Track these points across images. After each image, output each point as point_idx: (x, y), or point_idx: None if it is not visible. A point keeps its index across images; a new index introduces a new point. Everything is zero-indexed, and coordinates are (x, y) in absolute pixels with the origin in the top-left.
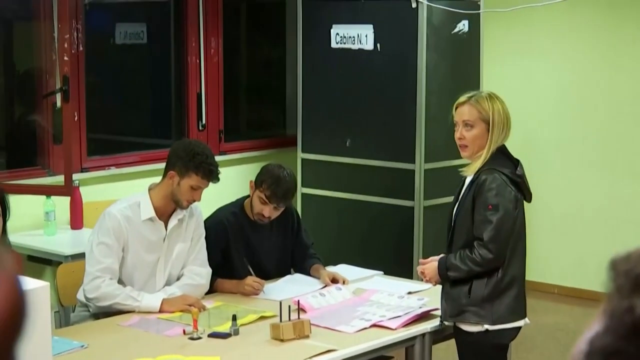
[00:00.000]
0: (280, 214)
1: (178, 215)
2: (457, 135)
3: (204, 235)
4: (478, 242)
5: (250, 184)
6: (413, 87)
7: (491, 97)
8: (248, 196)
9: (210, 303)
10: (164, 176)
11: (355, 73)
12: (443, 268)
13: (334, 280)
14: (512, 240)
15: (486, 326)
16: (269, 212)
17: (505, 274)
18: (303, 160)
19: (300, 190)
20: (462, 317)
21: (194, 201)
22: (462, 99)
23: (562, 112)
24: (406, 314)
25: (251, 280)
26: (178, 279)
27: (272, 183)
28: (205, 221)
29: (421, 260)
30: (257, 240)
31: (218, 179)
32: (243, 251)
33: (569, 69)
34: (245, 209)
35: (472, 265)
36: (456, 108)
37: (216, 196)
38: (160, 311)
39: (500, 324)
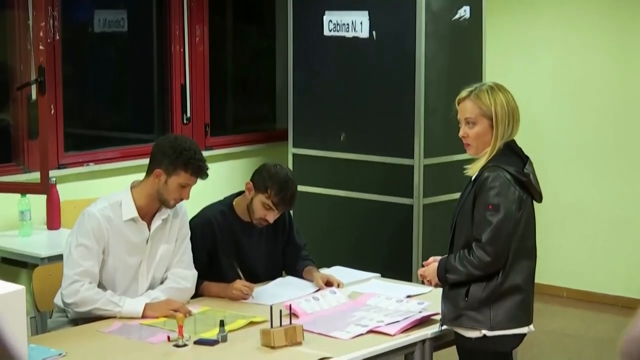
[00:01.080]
0: None
1: (162, 215)
2: (460, 133)
3: (189, 235)
4: (476, 244)
5: (248, 185)
6: (411, 77)
7: (493, 89)
8: (237, 194)
9: (196, 308)
10: (148, 174)
11: (350, 63)
12: (442, 270)
13: (328, 284)
14: (514, 243)
15: (484, 332)
16: (273, 216)
17: (506, 278)
18: (294, 155)
19: None
20: (459, 321)
21: (182, 200)
22: (463, 93)
23: (572, 104)
24: (405, 319)
25: (240, 284)
26: (162, 282)
27: (280, 189)
28: (191, 221)
29: (425, 263)
30: (246, 241)
31: (207, 175)
32: (232, 253)
33: (578, 57)
34: (234, 208)
35: (470, 268)
36: (458, 103)
37: (202, 194)
38: (143, 317)
39: (499, 330)
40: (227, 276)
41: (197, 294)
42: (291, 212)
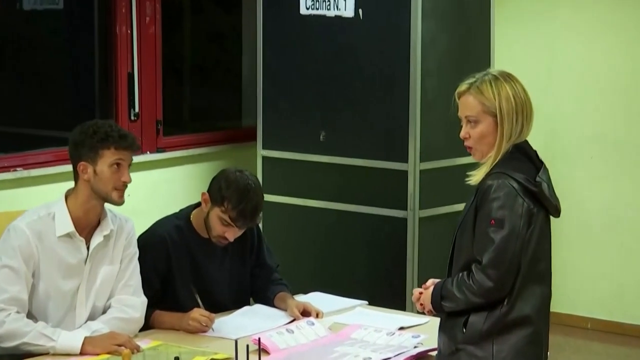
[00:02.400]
0: None
1: (103, 230)
2: (461, 133)
3: (137, 255)
4: (476, 266)
5: (204, 196)
6: (405, 65)
7: (497, 79)
8: (196, 205)
9: (145, 342)
10: (76, 178)
11: (331, 47)
12: (437, 296)
13: (305, 313)
14: (523, 266)
15: None
16: (234, 234)
17: (512, 307)
18: (264, 158)
19: None
20: (456, 356)
21: (125, 186)
22: (463, 86)
23: (598, 96)
24: (397, 355)
25: (197, 313)
26: (104, 311)
27: (238, 201)
28: (140, 237)
29: (423, 286)
30: (207, 262)
31: (137, 146)
32: (189, 276)
33: (603, 38)
34: (192, 223)
35: (469, 295)
36: (458, 98)
37: (153, 206)
38: (82, 353)
39: None
40: (183, 304)
41: (147, 325)
42: (260, 227)
